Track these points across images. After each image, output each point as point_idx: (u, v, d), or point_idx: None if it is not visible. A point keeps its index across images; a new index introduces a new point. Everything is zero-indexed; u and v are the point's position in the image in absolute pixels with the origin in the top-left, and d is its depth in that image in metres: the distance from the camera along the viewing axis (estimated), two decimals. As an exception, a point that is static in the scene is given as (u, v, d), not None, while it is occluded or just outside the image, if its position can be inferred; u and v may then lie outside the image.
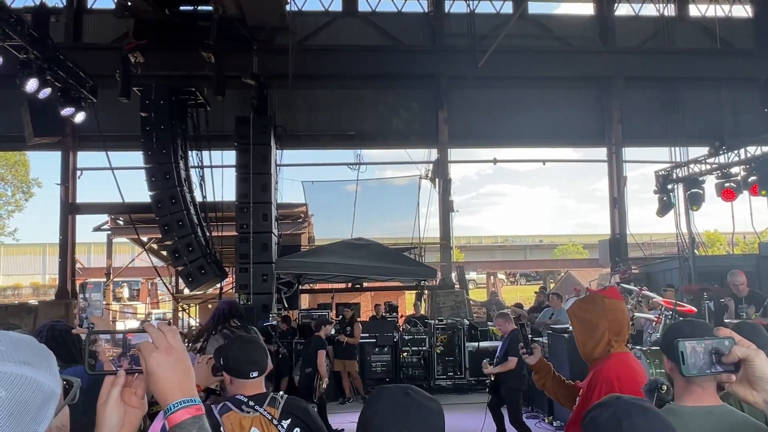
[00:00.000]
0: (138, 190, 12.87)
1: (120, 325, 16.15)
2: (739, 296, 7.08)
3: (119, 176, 12.99)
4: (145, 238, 15.73)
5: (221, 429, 2.32)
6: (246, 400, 2.43)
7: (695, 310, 7.41)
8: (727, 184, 11.25)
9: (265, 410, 2.39)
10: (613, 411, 1.39)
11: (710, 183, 12.18)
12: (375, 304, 12.87)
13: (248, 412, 2.39)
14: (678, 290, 9.28)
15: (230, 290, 13.51)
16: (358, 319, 11.38)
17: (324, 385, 8.43)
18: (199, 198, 12.99)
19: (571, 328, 3.22)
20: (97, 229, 16.33)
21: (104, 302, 14.75)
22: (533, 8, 15.46)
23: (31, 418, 0.96)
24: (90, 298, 13.08)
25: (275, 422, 2.38)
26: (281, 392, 2.55)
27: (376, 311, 12.29)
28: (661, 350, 2.19)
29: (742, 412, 2.01)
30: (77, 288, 14.47)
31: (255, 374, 2.49)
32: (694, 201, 12.32)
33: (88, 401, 1.27)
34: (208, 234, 12.64)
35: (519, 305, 12.92)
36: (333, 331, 10.55)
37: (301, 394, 8.94)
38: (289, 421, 2.40)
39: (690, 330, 2.02)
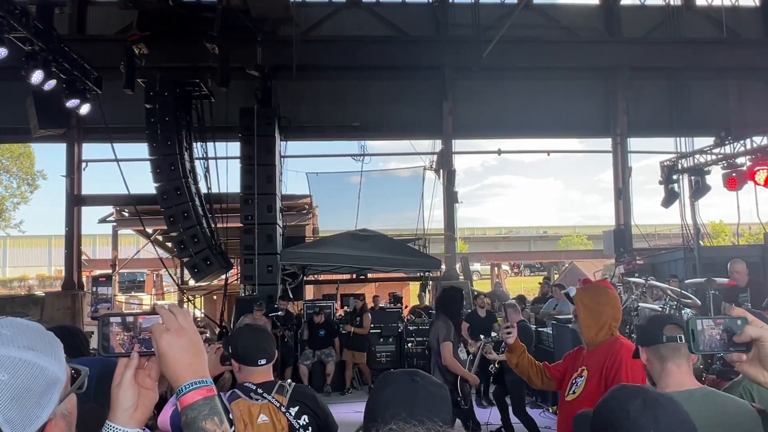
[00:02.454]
0: (143, 181, 12.93)
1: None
2: (739, 285, 7.01)
3: (124, 168, 13.03)
4: (150, 230, 15.80)
5: (230, 416, 2.34)
6: (254, 387, 2.46)
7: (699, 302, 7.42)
8: (733, 173, 11.13)
9: (273, 398, 2.42)
10: (642, 399, 1.39)
11: (716, 174, 12.13)
12: (373, 296, 12.84)
13: (257, 400, 2.42)
14: (682, 281, 9.25)
15: (235, 281, 13.56)
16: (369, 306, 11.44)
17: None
18: (203, 189, 13.03)
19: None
20: (103, 220, 16.40)
21: (113, 294, 14.78)
22: (538, -3, 15.36)
23: (35, 403, 0.95)
24: (97, 291, 13.08)
25: (283, 409, 2.40)
26: (289, 380, 2.58)
27: (374, 302, 12.28)
28: (637, 341, 2.32)
29: (751, 393, 2.04)
30: (88, 281, 14.53)
31: (263, 362, 2.52)
32: (699, 192, 12.28)
33: (103, 387, 1.29)
34: (213, 225, 12.68)
35: (521, 298, 13.03)
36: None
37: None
38: (297, 408, 2.42)
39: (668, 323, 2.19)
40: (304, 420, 2.41)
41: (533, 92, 15.07)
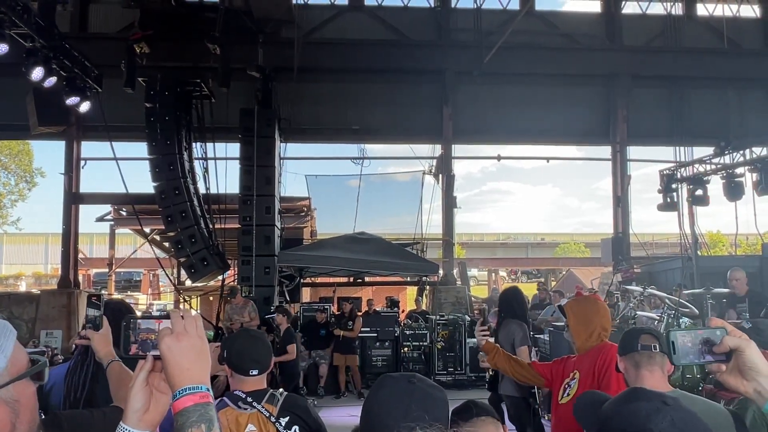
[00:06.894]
0: (142, 180, 12.92)
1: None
2: (738, 295, 7.00)
3: (123, 167, 12.98)
4: (147, 229, 15.74)
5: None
6: (244, 396, 2.40)
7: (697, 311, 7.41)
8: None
9: (263, 407, 2.36)
10: (670, 419, 1.21)
11: (714, 183, 12.15)
12: (367, 300, 12.78)
13: (245, 409, 2.36)
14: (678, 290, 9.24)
15: (232, 282, 13.52)
16: (359, 313, 11.37)
17: None
18: (202, 190, 13.00)
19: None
20: (100, 219, 16.36)
21: (108, 293, 14.64)
22: (540, 4, 15.36)
23: None
24: (85, 313, 12.87)
25: (273, 419, 2.34)
26: (281, 389, 2.52)
27: (368, 306, 12.21)
28: (618, 352, 2.44)
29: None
30: (85, 280, 14.43)
31: (255, 372, 2.45)
32: (698, 201, 12.29)
33: None
34: (211, 226, 12.66)
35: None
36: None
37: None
38: (287, 418, 2.36)
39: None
40: (295, 431, 2.36)
41: (534, 98, 15.08)
